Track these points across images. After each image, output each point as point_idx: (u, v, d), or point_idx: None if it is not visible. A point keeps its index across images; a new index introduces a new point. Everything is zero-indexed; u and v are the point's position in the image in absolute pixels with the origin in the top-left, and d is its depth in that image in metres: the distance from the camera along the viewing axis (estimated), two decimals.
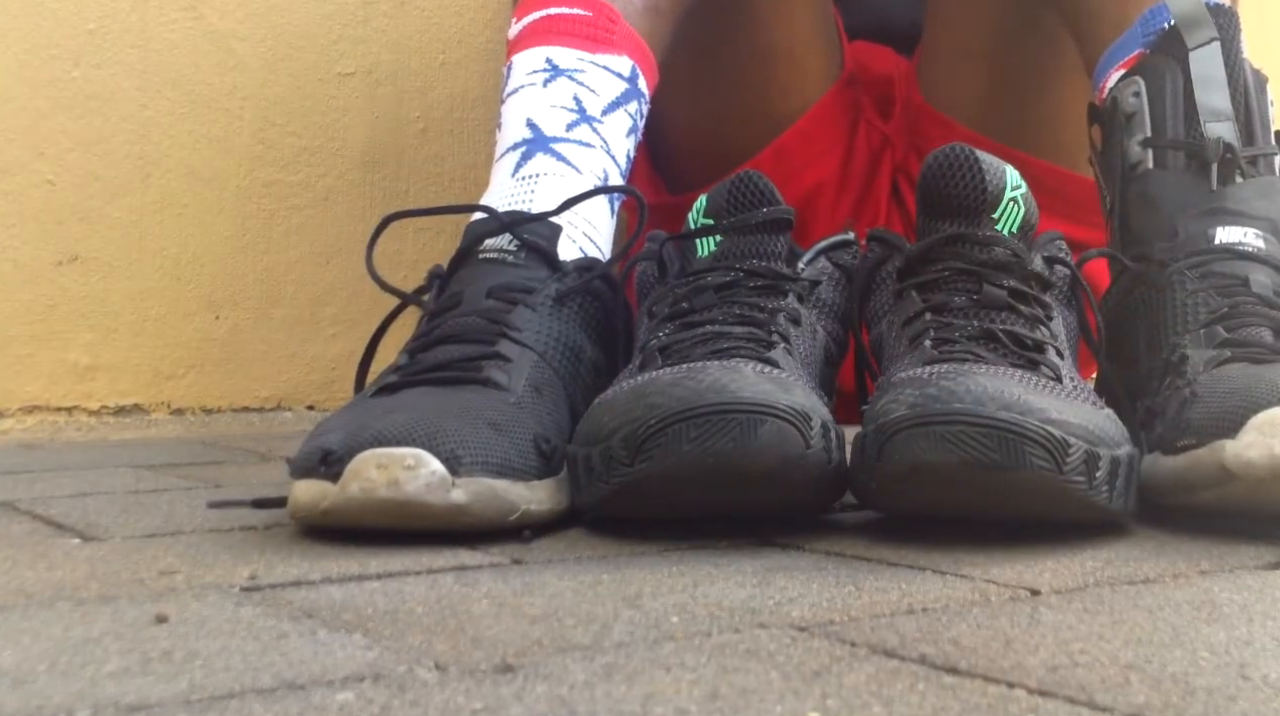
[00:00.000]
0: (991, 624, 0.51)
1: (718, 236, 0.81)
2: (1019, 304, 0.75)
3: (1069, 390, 0.69)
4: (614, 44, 0.94)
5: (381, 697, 0.41)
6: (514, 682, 0.43)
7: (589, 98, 0.92)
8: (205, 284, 1.41)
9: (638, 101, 0.94)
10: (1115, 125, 0.91)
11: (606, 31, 0.94)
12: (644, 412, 0.66)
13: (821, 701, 0.41)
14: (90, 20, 1.36)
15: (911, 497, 0.67)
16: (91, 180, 1.36)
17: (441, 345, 0.78)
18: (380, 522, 0.66)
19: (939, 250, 0.78)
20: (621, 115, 0.93)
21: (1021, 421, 0.63)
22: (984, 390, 0.64)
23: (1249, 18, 1.03)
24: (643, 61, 0.96)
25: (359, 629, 0.50)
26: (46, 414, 1.34)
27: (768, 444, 0.64)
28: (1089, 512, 0.67)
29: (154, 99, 1.38)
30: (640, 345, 0.79)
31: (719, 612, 0.53)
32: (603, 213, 0.90)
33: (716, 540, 0.68)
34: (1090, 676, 0.44)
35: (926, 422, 0.64)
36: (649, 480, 0.66)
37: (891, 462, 0.65)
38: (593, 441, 0.69)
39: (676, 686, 0.43)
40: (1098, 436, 0.66)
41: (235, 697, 0.41)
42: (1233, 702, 0.41)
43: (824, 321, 0.83)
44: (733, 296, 0.78)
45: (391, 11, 1.48)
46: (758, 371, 0.68)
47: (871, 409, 0.69)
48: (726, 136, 1.24)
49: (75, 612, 0.53)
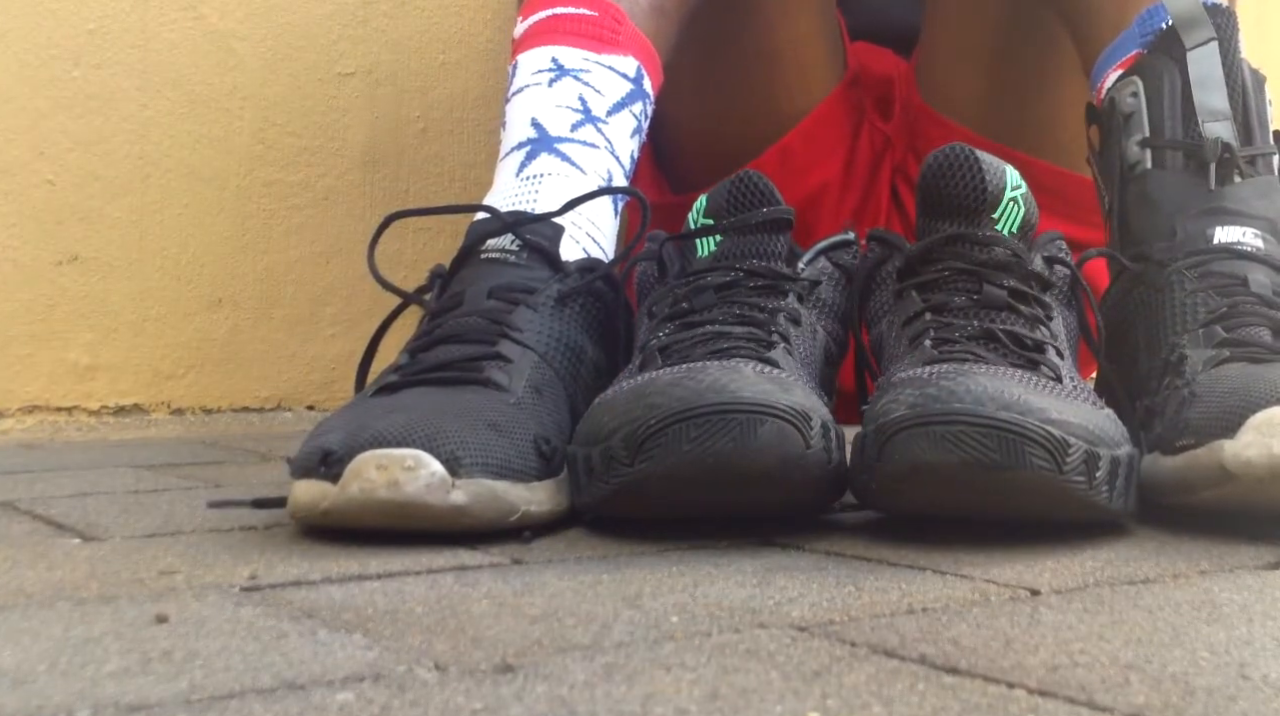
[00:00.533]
0: (991, 624, 0.51)
1: (718, 236, 0.81)
2: (1019, 304, 0.75)
3: (1069, 390, 0.69)
4: (620, 44, 0.94)
5: (381, 698, 0.41)
6: (514, 682, 0.43)
7: (594, 98, 0.91)
8: (205, 284, 1.41)
9: (643, 102, 0.94)
10: (1113, 125, 0.91)
11: (612, 32, 0.94)
12: (644, 412, 0.66)
13: (821, 701, 0.41)
14: (90, 20, 1.36)
15: (911, 497, 0.67)
16: (91, 180, 1.36)
17: (443, 345, 0.78)
18: (380, 523, 0.66)
19: (939, 250, 0.78)
20: (626, 116, 0.93)
21: (1021, 421, 0.63)
22: (984, 390, 0.64)
23: (1247, 18, 1.03)
24: (648, 62, 0.95)
25: (359, 629, 0.50)
26: (46, 414, 1.34)
27: (767, 444, 0.64)
28: (1089, 512, 0.67)
29: (154, 99, 1.38)
30: (640, 345, 0.79)
31: (719, 612, 0.53)
32: (606, 213, 0.90)
33: (716, 540, 0.68)
34: (1090, 676, 0.44)
35: (926, 422, 0.64)
36: (649, 480, 0.66)
37: (891, 462, 0.65)
38: (593, 441, 0.69)
39: (676, 686, 0.43)
40: (1098, 436, 0.66)
41: (235, 697, 0.41)
42: (1233, 702, 0.41)
43: (824, 321, 0.83)
44: (733, 296, 0.78)
45: (391, 11, 1.48)
46: (758, 371, 0.68)
47: (871, 409, 0.69)
48: (730, 137, 1.24)
49: (75, 612, 0.53)
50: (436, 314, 0.81)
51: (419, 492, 0.65)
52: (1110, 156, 0.91)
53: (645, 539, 0.69)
